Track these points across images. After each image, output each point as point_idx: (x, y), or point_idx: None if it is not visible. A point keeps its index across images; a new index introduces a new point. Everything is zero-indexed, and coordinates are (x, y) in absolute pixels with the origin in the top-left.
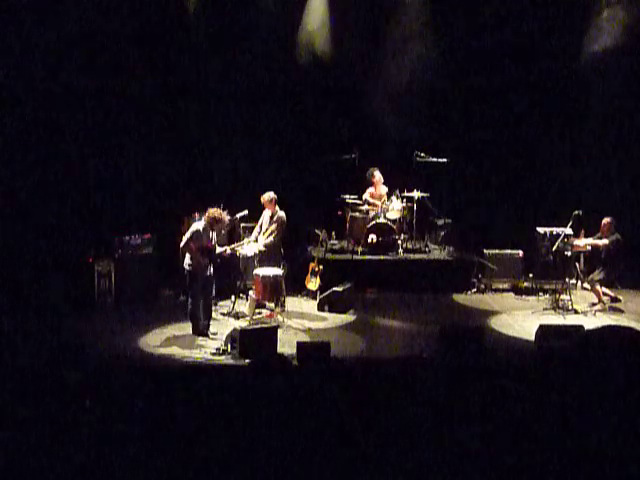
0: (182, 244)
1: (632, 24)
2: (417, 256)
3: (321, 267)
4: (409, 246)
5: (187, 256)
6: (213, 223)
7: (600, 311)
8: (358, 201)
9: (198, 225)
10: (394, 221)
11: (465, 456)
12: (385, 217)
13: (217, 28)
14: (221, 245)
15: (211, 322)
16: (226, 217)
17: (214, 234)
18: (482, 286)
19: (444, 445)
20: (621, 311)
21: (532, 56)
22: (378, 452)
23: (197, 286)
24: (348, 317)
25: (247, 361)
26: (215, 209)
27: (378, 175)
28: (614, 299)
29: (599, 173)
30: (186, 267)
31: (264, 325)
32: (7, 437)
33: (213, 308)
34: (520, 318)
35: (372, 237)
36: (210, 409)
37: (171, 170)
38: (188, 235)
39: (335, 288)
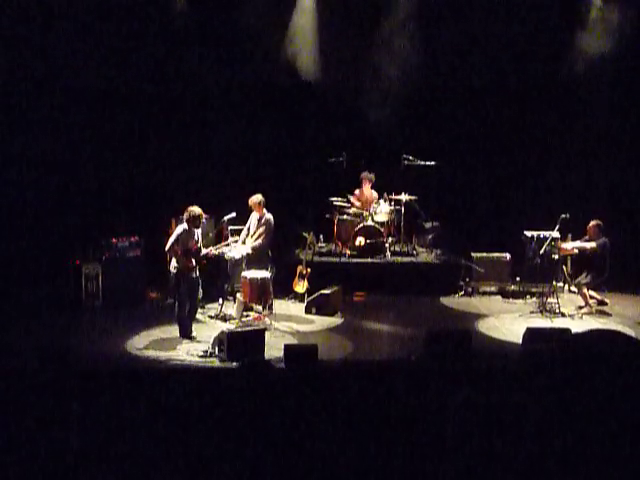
0: (167, 247)
1: (621, 26)
2: (405, 259)
3: (309, 270)
4: (397, 249)
5: (173, 259)
6: (192, 221)
7: (587, 314)
8: (346, 204)
9: (180, 228)
10: (382, 224)
11: (453, 458)
12: (373, 220)
13: (205, 28)
14: (207, 246)
15: (194, 325)
16: (200, 210)
17: (199, 233)
18: (469, 289)
19: (430, 447)
20: (608, 314)
21: (521, 58)
22: (364, 454)
23: (184, 288)
24: (335, 320)
25: (235, 364)
26: (191, 207)
27: (364, 175)
28: (601, 302)
29: (587, 176)
30: (172, 270)
31: (252, 328)
32: None
33: (200, 311)
34: (507, 321)
35: (360, 240)
36: (197, 412)
37: (159, 172)
38: (173, 238)
39: (323, 291)
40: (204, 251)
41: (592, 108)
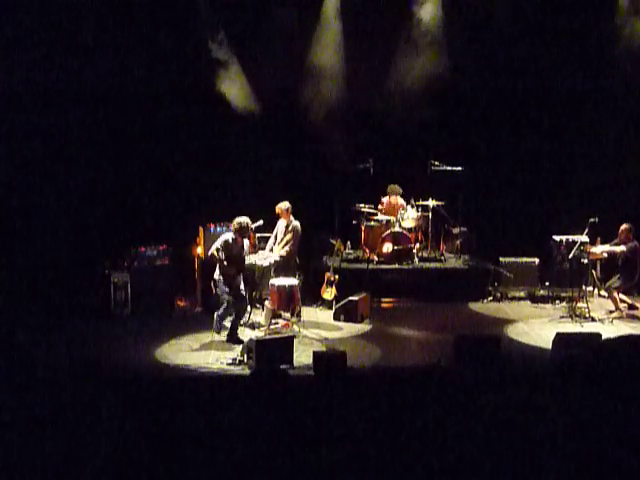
0: (209, 253)
1: None
2: (433, 265)
3: (337, 277)
4: (425, 255)
5: (217, 267)
6: (240, 231)
7: (618, 319)
8: (373, 210)
9: (227, 236)
10: (410, 230)
11: (481, 463)
12: (400, 226)
13: (231, 35)
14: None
15: (224, 331)
16: (248, 220)
17: (247, 243)
18: (498, 294)
19: (459, 452)
20: (639, 319)
21: (547, 64)
22: (393, 459)
23: (230, 294)
24: (364, 326)
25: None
26: (241, 217)
27: (390, 188)
28: (631, 306)
29: (616, 179)
30: (216, 277)
31: (280, 335)
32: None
33: (229, 319)
34: (537, 326)
35: (387, 246)
36: (226, 418)
37: (186, 181)
38: (217, 245)
39: (351, 297)
40: (248, 260)
41: (622, 111)
